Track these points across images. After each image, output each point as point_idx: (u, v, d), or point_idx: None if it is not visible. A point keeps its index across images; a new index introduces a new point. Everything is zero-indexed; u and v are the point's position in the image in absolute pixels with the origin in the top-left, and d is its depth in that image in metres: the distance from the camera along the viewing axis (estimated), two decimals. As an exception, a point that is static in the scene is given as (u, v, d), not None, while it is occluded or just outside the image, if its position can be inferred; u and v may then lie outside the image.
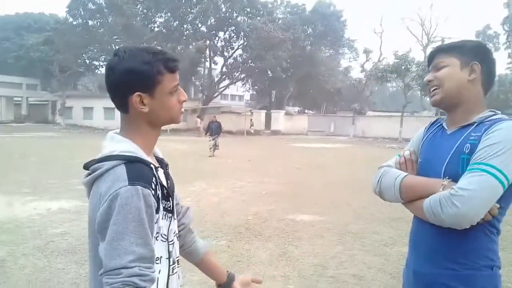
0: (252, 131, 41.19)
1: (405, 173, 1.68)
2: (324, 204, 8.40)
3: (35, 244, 5.40)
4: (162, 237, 1.30)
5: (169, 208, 1.33)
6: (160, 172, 1.36)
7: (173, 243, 1.37)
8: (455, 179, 1.49)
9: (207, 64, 48.99)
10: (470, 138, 1.53)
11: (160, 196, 1.26)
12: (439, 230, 1.54)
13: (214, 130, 19.37)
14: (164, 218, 1.30)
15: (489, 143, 1.45)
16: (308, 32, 48.10)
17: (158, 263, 1.27)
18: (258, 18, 43.01)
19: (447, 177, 1.53)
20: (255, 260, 4.99)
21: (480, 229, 1.50)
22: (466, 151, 1.51)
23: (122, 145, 1.28)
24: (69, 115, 46.71)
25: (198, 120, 41.48)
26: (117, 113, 1.36)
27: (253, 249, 5.43)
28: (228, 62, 47.09)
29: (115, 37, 40.75)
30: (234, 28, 44.07)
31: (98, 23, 42.74)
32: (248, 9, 44.13)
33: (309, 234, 6.18)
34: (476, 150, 1.47)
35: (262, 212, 7.57)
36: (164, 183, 1.35)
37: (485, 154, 1.44)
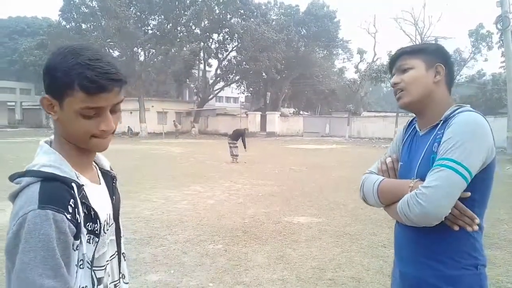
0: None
1: (381, 178, 1.72)
2: (321, 205, 8.38)
3: (30, 251, 5.34)
4: (87, 263, 1.15)
5: (96, 231, 1.16)
6: (93, 189, 1.22)
7: (103, 269, 1.22)
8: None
9: (202, 66, 48.98)
10: (437, 137, 1.56)
11: (81, 219, 1.10)
12: (420, 231, 1.55)
13: (232, 135, 17.71)
14: (89, 242, 1.15)
15: (447, 138, 1.48)
16: (302, 33, 48.19)
17: None
18: (252, 19, 43.05)
19: (413, 178, 1.56)
20: (253, 264, 4.95)
21: (461, 228, 1.51)
22: (435, 150, 1.54)
23: (45, 157, 1.15)
24: (63, 119, 46.47)
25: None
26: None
27: (250, 252, 5.40)
28: (223, 64, 47.12)
29: (108, 40, 40.60)
30: (228, 30, 44.09)
31: (91, 26, 42.57)
32: (242, 11, 44.16)
33: (306, 237, 6.15)
34: (439, 147, 1.51)
35: (258, 214, 7.53)
36: (97, 201, 1.20)
37: (445, 149, 1.47)
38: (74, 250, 1.10)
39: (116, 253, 1.32)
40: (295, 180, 11.89)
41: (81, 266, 1.13)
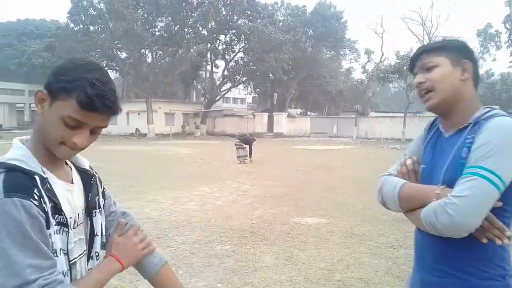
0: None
1: (403, 181, 1.61)
2: (329, 206, 8.35)
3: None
4: (61, 251, 1.18)
5: (63, 222, 1.19)
6: (61, 184, 1.24)
7: (79, 262, 1.26)
8: (454, 185, 1.41)
9: (209, 67, 49.12)
10: (467, 141, 1.46)
11: (48, 209, 1.13)
12: (444, 240, 1.45)
13: (242, 139, 18.13)
14: (59, 232, 1.17)
15: (479, 144, 1.38)
16: (309, 34, 48.23)
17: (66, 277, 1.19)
18: (259, 20, 43.13)
19: (440, 184, 1.46)
20: (261, 265, 4.95)
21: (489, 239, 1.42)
22: (464, 156, 1.44)
23: (12, 152, 1.18)
24: (72, 121, 46.81)
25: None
26: (120, 118, 1.27)
27: (258, 253, 5.39)
28: (230, 65, 47.22)
29: (116, 42, 40.86)
30: (235, 31, 44.21)
31: (99, 28, 42.85)
32: (249, 12, 44.25)
33: (314, 238, 6.14)
34: (470, 153, 1.41)
35: (266, 215, 7.53)
36: (65, 195, 1.23)
37: (477, 156, 1.37)
38: (49, 237, 1.13)
39: (85, 252, 1.32)
40: (302, 181, 11.87)
41: (55, 255, 1.15)
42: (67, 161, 1.34)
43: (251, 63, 44.42)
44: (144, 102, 40.69)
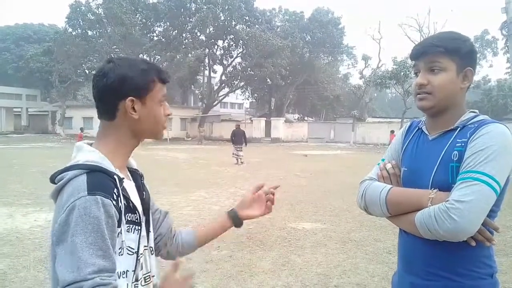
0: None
1: (389, 186, 1.61)
2: (325, 211, 8.37)
3: (36, 256, 5.37)
4: (128, 250, 1.24)
5: (135, 221, 1.28)
6: (129, 184, 1.32)
7: (143, 257, 1.32)
8: (444, 189, 1.44)
9: (206, 72, 49.16)
10: (457, 145, 1.47)
11: (122, 208, 1.21)
12: (433, 243, 1.46)
13: (237, 139, 18.92)
14: (129, 231, 1.25)
15: (477, 149, 1.39)
16: (307, 39, 48.31)
17: (124, 277, 1.23)
18: (257, 26, 43.28)
19: (433, 188, 1.47)
20: (258, 270, 4.95)
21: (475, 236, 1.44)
22: (455, 159, 1.45)
23: (87, 154, 1.24)
24: (69, 125, 46.80)
25: (201, 128, 42.17)
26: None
27: (255, 258, 5.40)
28: (227, 70, 47.28)
29: (114, 47, 40.89)
30: (233, 36, 44.31)
31: (97, 33, 42.93)
32: (247, 18, 44.41)
33: (311, 243, 6.15)
34: (465, 157, 1.42)
35: (263, 220, 7.51)
36: (133, 195, 1.31)
37: (475, 161, 1.38)
38: (117, 237, 1.19)
39: (145, 248, 1.36)
40: (299, 186, 11.88)
41: (121, 253, 1.22)
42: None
43: (248, 69, 44.48)
44: (141, 106, 40.71)
